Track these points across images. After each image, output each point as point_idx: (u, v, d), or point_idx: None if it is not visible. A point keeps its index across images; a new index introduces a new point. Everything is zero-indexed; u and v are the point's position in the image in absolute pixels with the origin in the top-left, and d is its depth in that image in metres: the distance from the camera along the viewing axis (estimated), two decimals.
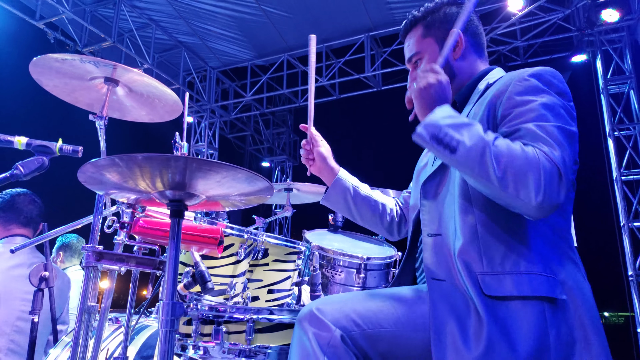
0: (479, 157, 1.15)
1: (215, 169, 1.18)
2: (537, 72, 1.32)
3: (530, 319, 1.17)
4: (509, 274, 1.22)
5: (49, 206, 2.82)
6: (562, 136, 1.20)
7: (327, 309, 1.26)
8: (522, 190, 1.11)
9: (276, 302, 2.09)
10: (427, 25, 1.57)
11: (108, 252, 1.62)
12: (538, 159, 1.12)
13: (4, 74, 7.69)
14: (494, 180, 1.13)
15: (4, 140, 1.57)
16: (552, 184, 1.11)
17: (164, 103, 1.91)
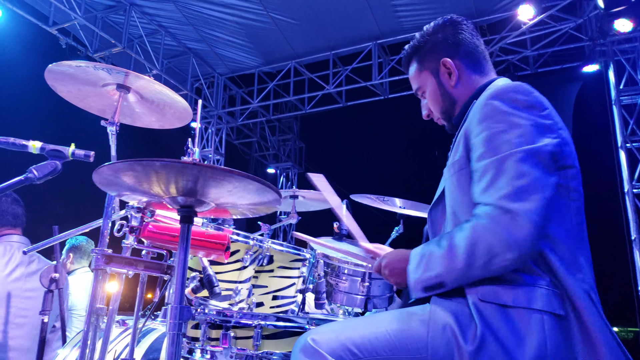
0: (458, 268, 1.23)
1: (228, 179, 1.19)
2: (498, 93, 1.31)
3: (526, 328, 1.17)
4: (508, 284, 1.23)
5: (59, 209, 2.86)
6: (524, 161, 1.21)
7: (322, 339, 1.27)
8: (499, 257, 1.19)
9: (281, 309, 2.11)
10: (419, 60, 1.61)
11: (117, 255, 1.65)
12: (483, 226, 1.20)
13: (18, 78, 7.80)
14: (484, 271, 1.21)
15: (19, 144, 1.61)
16: (507, 233, 1.17)
17: (174, 110, 1.95)
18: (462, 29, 1.57)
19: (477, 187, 1.26)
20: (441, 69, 1.55)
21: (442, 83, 1.56)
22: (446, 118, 1.60)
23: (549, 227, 1.22)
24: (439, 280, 1.26)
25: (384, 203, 3.24)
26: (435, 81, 1.57)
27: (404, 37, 7.96)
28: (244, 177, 1.18)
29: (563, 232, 1.26)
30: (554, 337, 1.17)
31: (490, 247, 1.18)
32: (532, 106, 1.28)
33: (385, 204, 3.25)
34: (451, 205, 1.37)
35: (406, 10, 7.32)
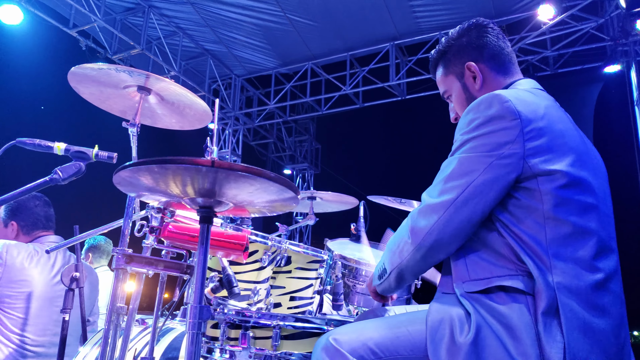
0: (393, 257, 1.39)
1: (250, 181, 1.19)
2: (475, 104, 1.35)
3: (510, 304, 1.21)
4: (490, 278, 1.28)
5: (81, 210, 2.91)
6: (458, 167, 1.31)
7: (344, 338, 1.29)
8: (406, 248, 1.34)
9: (298, 310, 2.11)
10: (445, 64, 1.62)
11: (138, 255, 1.67)
12: (405, 222, 1.37)
13: (39, 80, 7.96)
14: (397, 257, 1.38)
15: (45, 146, 1.65)
16: (415, 228, 1.32)
17: (194, 111, 1.97)
18: (487, 32, 1.57)
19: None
20: (466, 73, 1.56)
21: (467, 87, 1.57)
22: None
23: (514, 226, 1.27)
24: (383, 267, 1.44)
25: (401, 204, 3.23)
26: (460, 85, 1.58)
27: (421, 38, 7.92)
28: (265, 177, 1.19)
29: (531, 232, 1.25)
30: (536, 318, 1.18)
31: (399, 235, 1.36)
32: (500, 116, 1.29)
33: (402, 205, 3.24)
34: None
35: (424, 10, 7.28)
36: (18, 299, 2.43)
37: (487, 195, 1.27)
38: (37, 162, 2.55)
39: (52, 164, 1.64)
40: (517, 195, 1.28)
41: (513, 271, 1.26)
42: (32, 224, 2.69)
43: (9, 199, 1.61)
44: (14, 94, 8.12)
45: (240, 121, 9.88)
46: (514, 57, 1.61)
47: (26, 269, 2.45)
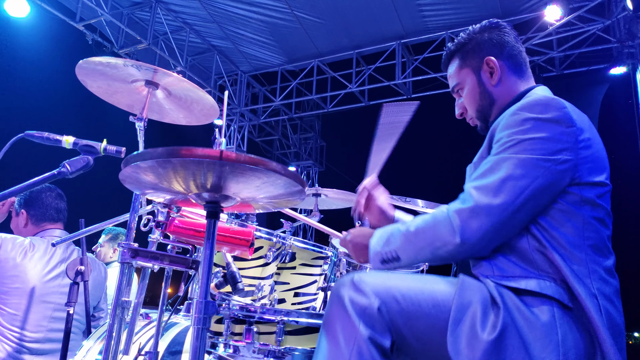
0: (412, 247, 1.32)
1: (257, 174, 1.19)
2: (529, 105, 1.34)
3: (540, 313, 1.20)
4: (518, 277, 1.27)
5: (87, 203, 2.91)
6: (515, 168, 1.26)
7: (368, 279, 1.27)
8: (445, 246, 1.27)
9: (302, 306, 2.11)
10: (462, 57, 1.61)
11: (143, 249, 1.67)
12: (447, 212, 1.28)
13: (45, 74, 7.98)
14: (430, 251, 1.29)
15: (53, 139, 1.65)
16: (463, 227, 1.24)
17: (201, 107, 1.97)
18: (507, 32, 1.59)
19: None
20: (483, 67, 1.56)
21: (482, 81, 1.57)
22: (480, 117, 1.61)
23: (554, 230, 1.27)
24: (395, 255, 1.34)
25: (405, 203, 3.23)
26: (475, 79, 1.58)
27: (428, 37, 7.90)
28: (272, 170, 1.18)
29: (571, 237, 1.28)
30: (563, 327, 1.19)
31: (441, 234, 1.27)
32: (557, 122, 1.30)
33: (406, 204, 3.24)
34: None
35: (431, 10, 7.25)
36: (12, 294, 2.42)
37: (541, 200, 1.27)
38: (44, 155, 2.55)
39: (58, 157, 1.65)
40: (560, 200, 1.29)
41: (542, 276, 1.26)
42: (41, 215, 2.68)
43: (16, 191, 1.62)
44: (20, 87, 8.14)
45: (246, 117, 9.89)
46: (528, 61, 1.62)
47: (19, 264, 2.44)
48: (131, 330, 1.88)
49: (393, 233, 1.37)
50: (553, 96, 1.38)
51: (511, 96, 1.54)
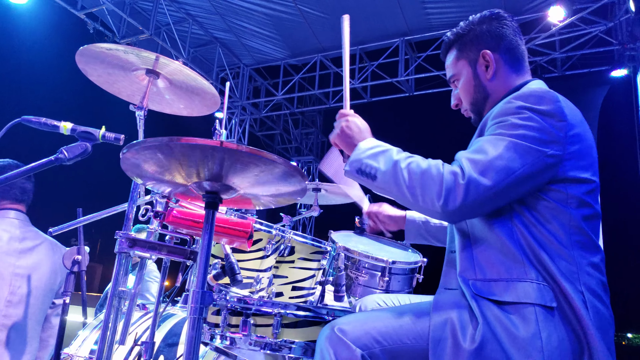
0: (393, 179, 1.32)
1: (255, 162, 1.19)
2: (523, 95, 1.34)
3: (520, 319, 1.21)
4: (501, 280, 1.28)
5: (85, 192, 2.87)
6: (509, 148, 1.26)
7: (348, 328, 1.29)
8: (427, 201, 1.27)
9: (300, 300, 2.11)
10: (460, 48, 1.60)
11: (141, 239, 1.66)
12: (442, 171, 1.27)
13: (45, 61, 7.94)
14: (408, 195, 1.29)
15: (51, 125, 1.64)
16: (454, 189, 1.24)
17: (203, 97, 1.95)
18: (507, 24, 1.57)
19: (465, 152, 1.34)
20: (479, 60, 1.55)
21: (477, 74, 1.56)
22: (474, 110, 1.61)
23: (541, 226, 1.29)
24: (373, 174, 1.35)
25: None
26: (471, 71, 1.57)
27: (431, 35, 7.87)
28: (270, 159, 1.18)
29: (558, 234, 1.29)
30: (546, 329, 1.19)
31: (429, 189, 1.26)
32: (550, 114, 1.30)
33: None
34: None
35: (435, 7, 7.23)
36: None
37: (523, 187, 1.29)
38: (42, 141, 2.50)
39: (56, 144, 1.63)
40: (546, 196, 1.30)
41: (526, 275, 1.27)
42: (2, 191, 2.50)
43: (12, 177, 1.60)
44: (18, 74, 8.11)
45: (247, 111, 9.87)
46: (526, 55, 1.61)
47: None
48: (128, 320, 1.87)
49: (387, 153, 1.36)
50: (548, 89, 1.37)
51: (506, 90, 1.53)
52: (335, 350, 1.26)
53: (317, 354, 1.31)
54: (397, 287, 2.43)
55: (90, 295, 5.68)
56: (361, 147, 1.41)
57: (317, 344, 1.32)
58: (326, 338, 1.30)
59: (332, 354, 1.26)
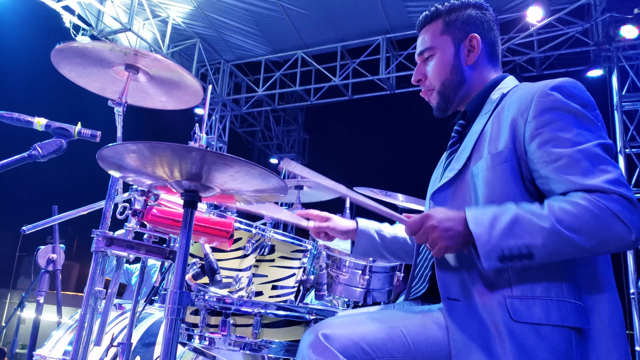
0: (560, 246, 1.14)
1: (230, 163, 1.18)
2: (559, 85, 1.29)
3: (558, 346, 1.15)
4: (539, 299, 1.20)
5: (60, 189, 2.81)
6: (606, 153, 1.19)
7: (334, 335, 1.19)
8: (615, 243, 1.13)
9: (280, 299, 2.09)
10: (448, 22, 1.50)
11: (119, 238, 1.63)
12: (605, 207, 1.12)
13: (20, 56, 7.74)
14: (587, 251, 1.15)
15: (24, 120, 1.59)
16: (632, 218, 1.12)
17: (184, 90, 1.92)
18: (492, 18, 1.54)
19: (571, 170, 1.18)
20: (465, 42, 1.48)
21: (459, 56, 1.48)
22: (443, 92, 1.51)
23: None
24: (528, 252, 1.14)
25: (386, 197, 3.23)
26: (453, 51, 1.48)
27: (413, 33, 7.91)
28: (244, 162, 1.17)
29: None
30: (579, 355, 1.16)
31: (610, 226, 1.11)
32: (587, 104, 1.28)
33: (387, 197, 3.24)
34: (487, 195, 1.28)
35: (416, 6, 7.28)
36: None
37: None
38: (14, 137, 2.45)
39: (30, 140, 1.58)
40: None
41: (564, 294, 1.20)
42: None
43: None
44: None
45: (228, 107, 9.78)
46: (501, 55, 1.60)
47: None
48: (104, 320, 1.84)
49: (518, 221, 1.16)
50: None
51: (483, 82, 1.49)
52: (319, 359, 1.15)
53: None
54: (378, 285, 2.43)
55: (66, 294, 5.57)
56: (481, 233, 1.17)
57: (299, 351, 1.23)
58: (309, 346, 1.19)
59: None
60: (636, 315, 6.40)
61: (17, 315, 3.10)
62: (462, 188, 1.36)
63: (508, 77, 1.50)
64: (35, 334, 2.13)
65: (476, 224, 1.18)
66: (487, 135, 1.35)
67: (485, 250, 1.15)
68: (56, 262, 2.13)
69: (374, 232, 1.75)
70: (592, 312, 1.20)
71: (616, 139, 7.15)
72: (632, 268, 6.60)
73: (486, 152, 1.32)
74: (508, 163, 1.27)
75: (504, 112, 1.34)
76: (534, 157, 1.25)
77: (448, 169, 1.42)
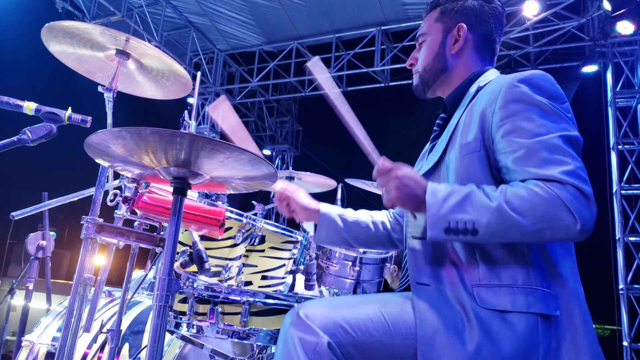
0: (504, 226, 1.15)
1: (219, 149, 1.17)
2: (526, 77, 1.30)
3: (523, 332, 1.17)
4: (505, 286, 1.22)
5: (50, 175, 2.79)
6: (567, 145, 1.21)
7: (315, 313, 1.22)
8: (560, 231, 1.13)
9: (269, 289, 2.10)
10: (443, 11, 1.55)
11: (109, 225, 1.62)
12: (556, 196, 1.13)
13: (11, 41, 7.62)
14: (532, 236, 1.15)
15: (14, 104, 1.57)
16: (581, 209, 1.13)
17: (174, 80, 1.91)
18: (492, 10, 1.53)
19: (528, 161, 1.20)
20: (453, 31, 1.51)
21: (444, 44, 1.52)
22: (423, 76, 1.56)
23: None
24: (472, 227, 1.16)
25: (377, 188, 3.24)
26: (440, 38, 1.52)
27: (408, 25, 7.89)
28: (233, 148, 1.17)
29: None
30: (546, 340, 1.18)
31: (557, 214, 1.12)
32: (555, 96, 1.28)
33: (379, 189, 3.25)
34: (458, 184, 1.30)
35: None
36: None
37: None
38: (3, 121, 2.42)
39: (20, 124, 1.57)
40: None
41: (531, 281, 1.22)
42: None
43: None
44: None
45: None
46: (497, 51, 1.58)
47: None
48: (93, 307, 1.84)
49: (469, 198, 1.18)
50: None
51: (466, 74, 1.51)
52: (301, 337, 1.19)
53: (280, 341, 1.24)
54: (368, 276, 2.45)
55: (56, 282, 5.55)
56: (433, 202, 1.20)
57: (280, 332, 1.26)
58: (290, 324, 1.22)
59: (297, 341, 1.19)
60: (624, 311, 6.48)
61: (7, 302, 3.09)
62: (438, 179, 1.39)
63: (490, 70, 1.51)
64: (24, 321, 2.12)
65: (432, 195, 1.22)
66: (460, 127, 1.38)
67: (433, 220, 1.19)
68: (46, 248, 2.12)
69: (336, 216, 1.74)
70: (561, 299, 1.22)
71: (609, 135, 7.17)
72: (622, 264, 6.67)
73: (457, 143, 1.36)
74: (476, 153, 1.30)
75: (477, 104, 1.37)
76: (499, 147, 1.27)
77: (426, 162, 1.47)
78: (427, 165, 1.44)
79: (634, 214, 6.80)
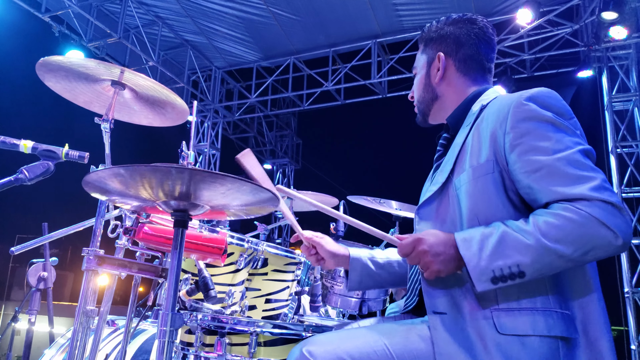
0: (548, 260, 1.14)
1: (220, 181, 1.16)
2: (533, 95, 1.29)
3: (544, 356, 1.15)
4: (525, 309, 1.20)
5: (50, 207, 2.78)
6: (586, 159, 1.20)
7: (318, 350, 1.21)
8: (603, 249, 1.13)
9: (273, 312, 2.08)
10: (425, 44, 1.61)
11: (110, 257, 1.61)
12: (589, 215, 1.12)
13: (6, 67, 7.66)
14: (576, 261, 1.15)
15: (10, 143, 1.56)
16: (617, 222, 1.12)
17: (171, 108, 1.90)
18: (474, 31, 1.53)
19: (553, 181, 1.19)
20: (434, 62, 1.55)
21: (429, 75, 1.56)
22: (419, 108, 1.61)
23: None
24: (518, 270, 1.14)
25: (380, 205, 3.22)
26: (425, 70, 1.58)
27: (403, 37, 7.93)
28: (235, 179, 1.16)
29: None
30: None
31: (596, 233, 1.11)
32: (563, 112, 1.28)
33: (381, 206, 3.23)
34: (471, 208, 1.29)
35: (407, 9, 7.29)
36: None
37: None
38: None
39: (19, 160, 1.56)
40: None
41: (550, 303, 1.20)
42: None
43: None
44: None
45: (220, 114, 9.75)
46: (492, 65, 1.57)
47: None
48: (97, 338, 1.81)
49: (504, 241, 1.16)
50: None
51: (462, 95, 1.51)
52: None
53: None
54: (373, 294, 2.42)
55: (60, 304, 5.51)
56: (469, 256, 1.18)
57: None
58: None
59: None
60: (631, 314, 6.43)
61: (11, 327, 3.07)
62: (446, 201, 1.37)
63: (490, 88, 1.51)
64: (27, 353, 2.10)
65: (465, 248, 1.19)
66: (469, 147, 1.36)
67: (476, 273, 1.17)
68: (47, 280, 2.10)
69: (367, 260, 1.67)
70: (580, 320, 1.21)
71: (607, 139, 7.18)
72: (626, 267, 6.63)
73: (468, 164, 1.33)
74: (490, 175, 1.29)
75: (483, 123, 1.35)
76: (515, 167, 1.25)
77: (432, 183, 1.44)
78: (433, 187, 1.41)
79: (635, 217, 6.78)
